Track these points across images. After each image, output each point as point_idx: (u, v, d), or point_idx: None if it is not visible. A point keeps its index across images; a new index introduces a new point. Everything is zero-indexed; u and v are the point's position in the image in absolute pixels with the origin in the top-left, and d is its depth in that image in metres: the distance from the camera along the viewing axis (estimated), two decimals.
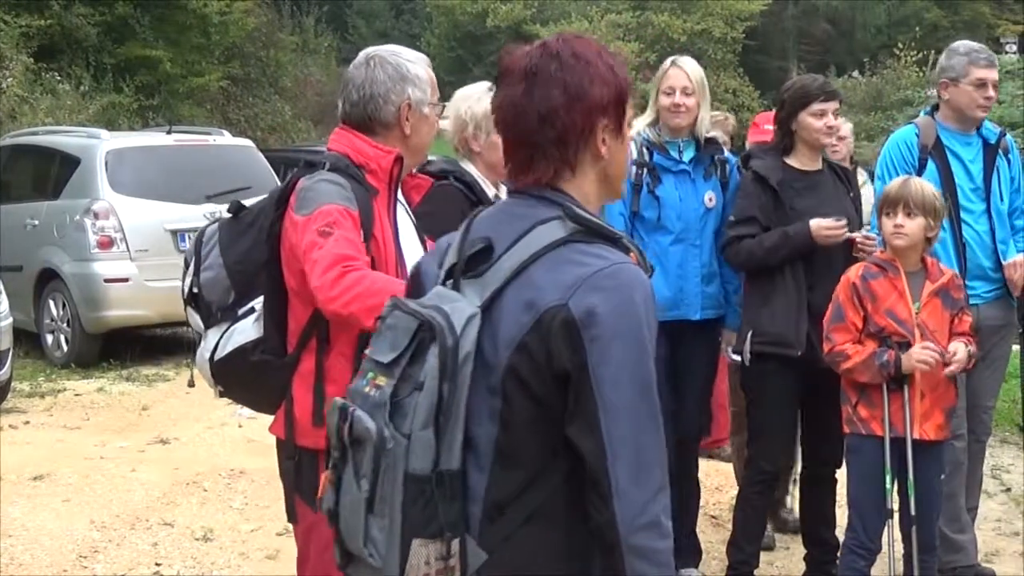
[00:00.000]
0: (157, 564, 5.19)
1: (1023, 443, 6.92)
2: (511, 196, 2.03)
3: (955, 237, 4.65)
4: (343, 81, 3.12)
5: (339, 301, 2.75)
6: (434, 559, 1.80)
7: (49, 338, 9.77)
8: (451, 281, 1.95)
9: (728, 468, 5.96)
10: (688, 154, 4.70)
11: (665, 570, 1.84)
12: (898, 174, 4.56)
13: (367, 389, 1.89)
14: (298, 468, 3.00)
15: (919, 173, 4.58)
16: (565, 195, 1.95)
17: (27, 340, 9.83)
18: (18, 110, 15.26)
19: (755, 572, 4.72)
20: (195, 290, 3.17)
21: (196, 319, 3.21)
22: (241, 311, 3.13)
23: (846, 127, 5.96)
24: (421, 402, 1.80)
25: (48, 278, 9.74)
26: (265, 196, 3.24)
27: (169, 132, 10.72)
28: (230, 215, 3.20)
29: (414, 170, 3.26)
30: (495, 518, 1.86)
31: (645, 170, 4.64)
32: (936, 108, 4.86)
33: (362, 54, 3.12)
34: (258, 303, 3.10)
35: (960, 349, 4.05)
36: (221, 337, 3.12)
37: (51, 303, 9.71)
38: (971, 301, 4.49)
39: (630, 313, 1.83)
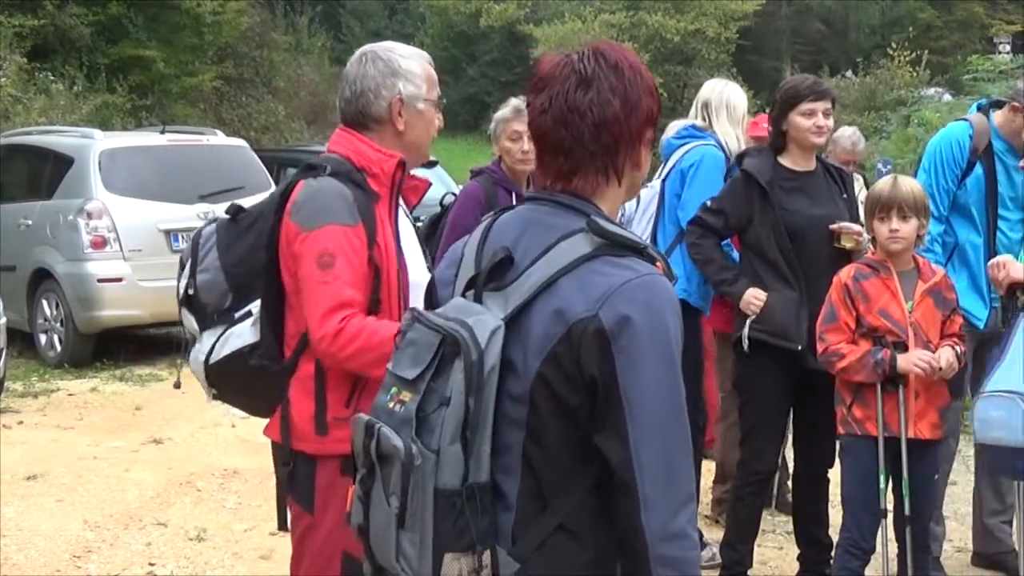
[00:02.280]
0: (151, 564, 5.19)
1: None
2: (532, 202, 2.01)
3: (989, 244, 4.64)
4: (341, 79, 3.07)
5: (339, 356, 2.78)
6: (467, 572, 1.80)
7: (42, 338, 9.76)
8: (471, 292, 1.94)
9: None
10: None
11: None
12: (946, 172, 4.62)
13: (391, 405, 1.89)
14: (292, 472, 2.97)
15: (965, 176, 4.60)
16: (590, 204, 1.94)
17: (21, 340, 9.83)
18: (11, 110, 15.22)
19: (749, 572, 4.73)
20: (191, 292, 3.11)
21: (191, 321, 3.15)
22: (238, 314, 3.08)
23: (853, 132, 5.98)
24: (448, 417, 1.79)
25: (41, 278, 9.74)
26: (263, 198, 3.20)
27: (163, 132, 10.72)
28: (228, 217, 3.14)
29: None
30: (527, 527, 1.86)
31: None
32: (992, 106, 4.75)
33: (358, 51, 3.07)
34: (255, 307, 3.05)
35: (946, 355, 4.05)
36: (217, 340, 3.07)
37: (44, 303, 9.71)
38: (992, 304, 4.56)
39: (660, 327, 1.83)
